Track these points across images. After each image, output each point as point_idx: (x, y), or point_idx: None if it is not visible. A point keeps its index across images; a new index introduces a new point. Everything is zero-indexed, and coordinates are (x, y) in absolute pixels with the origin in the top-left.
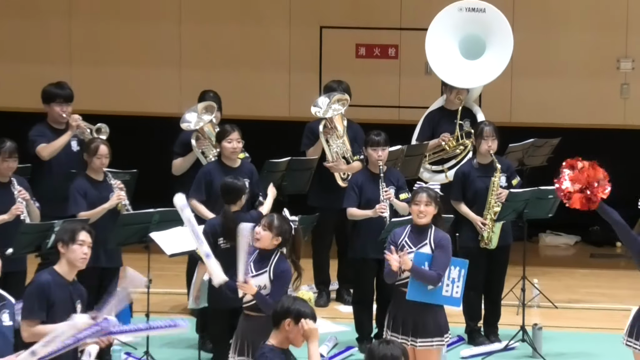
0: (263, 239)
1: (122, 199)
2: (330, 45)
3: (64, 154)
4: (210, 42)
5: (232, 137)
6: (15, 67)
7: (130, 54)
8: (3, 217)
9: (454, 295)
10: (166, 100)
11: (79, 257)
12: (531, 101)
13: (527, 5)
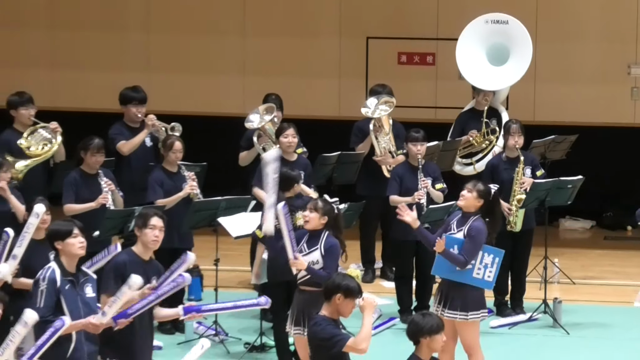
0: (312, 220)
1: (194, 188)
2: (375, 54)
3: (140, 148)
4: (270, 52)
5: (288, 132)
6: (99, 74)
7: (201, 63)
8: (91, 204)
9: (485, 278)
10: (231, 102)
11: (150, 239)
12: (552, 102)
13: (548, 17)
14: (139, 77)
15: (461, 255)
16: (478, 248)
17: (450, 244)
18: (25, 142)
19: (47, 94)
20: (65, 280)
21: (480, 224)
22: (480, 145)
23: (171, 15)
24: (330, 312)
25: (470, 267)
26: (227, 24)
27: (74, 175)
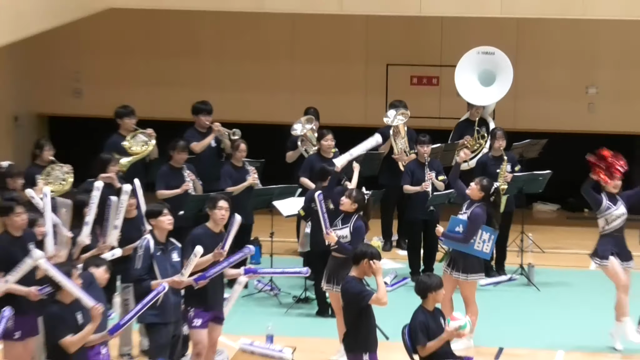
0: (345, 204)
1: (255, 179)
2: (393, 76)
3: (208, 148)
4: (314, 74)
5: (328, 137)
6: (180, 90)
7: (257, 82)
8: (177, 190)
9: (484, 250)
10: (281, 113)
11: (218, 217)
12: (528, 113)
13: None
14: (211, 95)
15: (462, 234)
16: (477, 228)
17: (457, 223)
18: (128, 143)
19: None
20: (157, 248)
21: (479, 211)
22: (473, 147)
23: (240, 44)
24: (358, 274)
25: (472, 242)
26: (278, 51)
27: (164, 168)
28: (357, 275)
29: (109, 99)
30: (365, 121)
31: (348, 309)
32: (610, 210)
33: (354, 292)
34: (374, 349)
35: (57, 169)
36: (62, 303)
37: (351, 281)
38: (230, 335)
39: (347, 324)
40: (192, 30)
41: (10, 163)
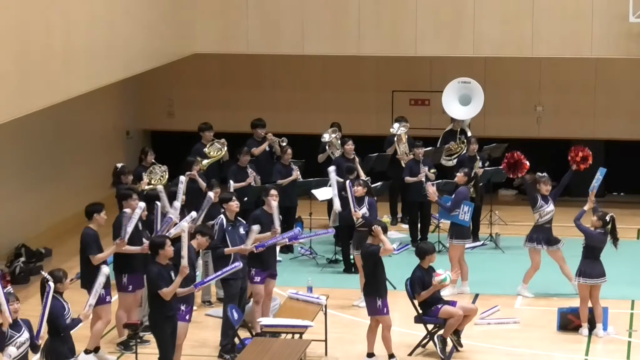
0: (358, 191)
1: (298, 175)
2: (397, 99)
3: (264, 152)
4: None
5: (349, 142)
6: (242, 113)
7: (295, 105)
8: (243, 183)
9: (465, 219)
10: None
11: (270, 202)
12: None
13: (491, 77)
14: (266, 114)
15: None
16: (459, 202)
17: (447, 200)
18: (207, 149)
19: (219, 123)
20: (228, 224)
21: (463, 190)
22: (455, 150)
23: (287, 77)
24: (373, 241)
25: (456, 213)
26: (313, 82)
27: (233, 167)
28: (373, 243)
29: (193, 118)
30: (377, 131)
31: (366, 265)
32: (543, 208)
33: (371, 250)
34: (385, 295)
35: (157, 168)
36: (160, 264)
37: (369, 247)
38: (281, 287)
39: (366, 277)
40: (254, 68)
41: (122, 164)
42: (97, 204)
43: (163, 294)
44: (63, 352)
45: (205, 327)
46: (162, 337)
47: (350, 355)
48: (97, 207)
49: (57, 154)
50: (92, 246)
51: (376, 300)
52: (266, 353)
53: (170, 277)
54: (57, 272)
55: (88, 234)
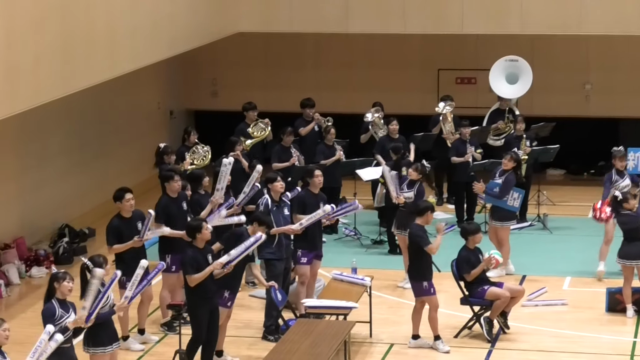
0: (412, 174)
1: (342, 155)
2: (443, 78)
3: (310, 133)
4: (385, 77)
5: (394, 122)
6: (291, 94)
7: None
8: (287, 164)
9: (514, 205)
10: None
11: (317, 182)
12: (542, 104)
13: (538, 55)
14: (309, 94)
15: (498, 192)
16: (509, 189)
17: (494, 185)
18: (251, 129)
19: (263, 103)
20: (273, 205)
21: (512, 177)
22: (504, 129)
23: (331, 56)
24: (422, 222)
25: (505, 199)
26: (358, 60)
27: (277, 147)
28: (420, 223)
29: (237, 97)
30: (422, 110)
31: (412, 247)
32: (618, 182)
33: (419, 234)
34: (430, 278)
35: (200, 148)
36: (196, 247)
37: (416, 227)
38: (326, 268)
39: (411, 259)
40: (297, 47)
41: (165, 144)
42: (121, 189)
43: (189, 279)
44: (102, 339)
45: (249, 308)
46: (195, 319)
47: (395, 337)
48: (120, 194)
49: (102, 134)
50: (109, 236)
51: (422, 282)
52: (310, 334)
53: (205, 262)
54: (97, 258)
55: (111, 223)
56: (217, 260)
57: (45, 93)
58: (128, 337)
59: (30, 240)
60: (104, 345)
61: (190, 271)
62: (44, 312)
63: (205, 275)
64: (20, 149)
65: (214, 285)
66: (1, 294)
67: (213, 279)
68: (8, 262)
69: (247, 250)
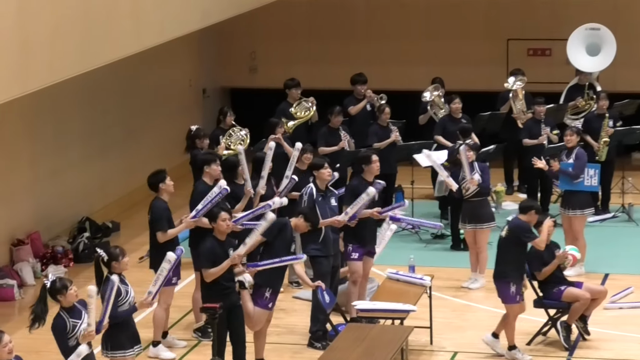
0: (470, 156)
1: (397, 136)
2: (513, 49)
3: (362, 111)
4: (445, 49)
5: (456, 101)
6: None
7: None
8: (335, 148)
9: (592, 184)
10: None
11: (375, 169)
12: (627, 78)
13: (622, 24)
14: (359, 69)
15: (573, 171)
16: (584, 165)
17: (567, 166)
18: (294, 110)
19: (307, 80)
20: (318, 194)
21: (581, 150)
22: (583, 107)
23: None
24: (527, 220)
25: (581, 180)
26: (414, 30)
27: (324, 129)
28: (527, 220)
29: (279, 73)
30: (489, 87)
31: (507, 241)
32: None
33: (523, 227)
34: (520, 281)
35: (237, 131)
36: (215, 239)
37: (520, 221)
38: (379, 266)
39: (499, 256)
40: (345, 16)
41: (197, 127)
42: (158, 172)
43: (205, 274)
44: (121, 341)
45: (292, 312)
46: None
47: (459, 344)
48: (160, 176)
49: (125, 117)
50: (161, 220)
51: (509, 284)
52: (362, 341)
53: (225, 256)
54: (112, 249)
55: (157, 206)
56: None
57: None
58: (159, 342)
59: (46, 235)
60: (124, 348)
61: (206, 264)
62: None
63: (223, 270)
64: (34, 132)
65: (232, 281)
66: (14, 296)
67: (231, 274)
68: (22, 260)
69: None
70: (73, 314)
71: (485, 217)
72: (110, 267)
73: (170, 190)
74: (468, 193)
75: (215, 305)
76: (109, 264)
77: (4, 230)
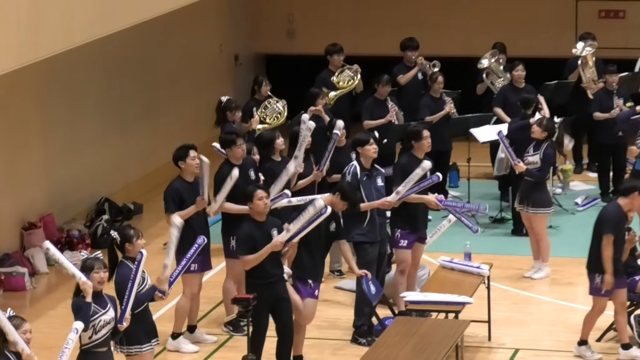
0: (535, 132)
1: (452, 108)
2: (582, 11)
3: (413, 80)
4: (506, 11)
5: (519, 68)
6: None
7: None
8: (381, 121)
9: None
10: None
11: (425, 146)
12: None
13: None
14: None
15: None
16: None
17: None
18: (336, 78)
19: (351, 45)
20: (362, 174)
21: None
22: None
23: None
24: (626, 205)
25: None
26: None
27: (369, 101)
28: (622, 205)
29: (319, 38)
30: (556, 53)
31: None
32: None
33: (607, 216)
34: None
35: (273, 103)
36: (254, 221)
37: (615, 207)
38: (431, 253)
39: (593, 245)
40: None
41: (228, 98)
42: (183, 147)
43: (242, 261)
44: (136, 335)
45: (334, 304)
46: (255, 310)
47: (520, 340)
48: (181, 152)
49: (149, 86)
50: (168, 202)
51: (595, 276)
52: (412, 337)
53: (266, 240)
54: (126, 230)
55: (170, 186)
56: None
57: (79, 34)
58: (179, 334)
59: (61, 218)
60: (141, 343)
61: (243, 251)
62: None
63: (262, 256)
64: (47, 105)
65: (278, 268)
66: (25, 285)
67: (277, 260)
68: (34, 245)
69: (310, 224)
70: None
71: (540, 202)
72: (124, 250)
73: (193, 171)
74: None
75: (248, 296)
76: (122, 246)
77: (14, 213)
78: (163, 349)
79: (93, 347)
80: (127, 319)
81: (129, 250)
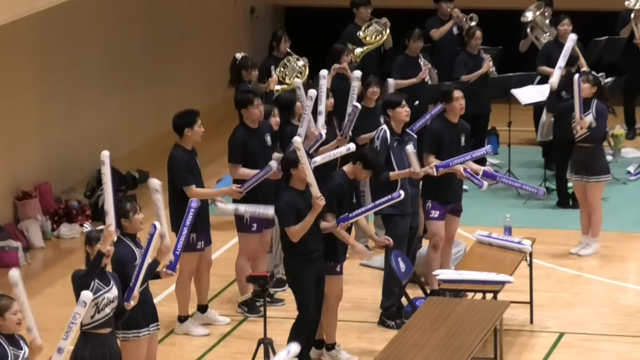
0: (585, 89)
1: (491, 66)
2: None
3: (448, 35)
4: None
5: (565, 22)
6: None
7: None
8: (412, 80)
9: None
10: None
11: (457, 109)
12: None
13: None
14: None
15: None
16: None
17: None
18: (363, 33)
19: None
20: (393, 139)
21: None
22: None
23: None
24: None
25: None
26: None
27: (400, 58)
28: None
29: None
30: (606, 5)
31: None
32: None
33: None
34: None
35: (293, 61)
36: (295, 189)
37: None
38: (467, 227)
39: None
40: None
41: (244, 55)
42: (187, 112)
43: (290, 232)
44: (134, 318)
45: (360, 283)
46: (301, 288)
47: (566, 324)
48: (188, 118)
49: (156, 43)
50: (184, 174)
51: None
52: (445, 319)
53: (308, 207)
54: (122, 204)
55: (175, 158)
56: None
57: None
58: (187, 317)
59: (58, 187)
60: (139, 327)
61: (290, 221)
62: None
63: (309, 224)
64: (44, 62)
65: (320, 242)
66: (18, 261)
67: (318, 233)
68: (28, 217)
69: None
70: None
71: (597, 169)
72: (120, 226)
73: (196, 139)
74: (577, 136)
75: (265, 274)
76: (118, 221)
77: (6, 181)
78: (170, 332)
79: (95, 328)
80: (135, 297)
81: (126, 226)
